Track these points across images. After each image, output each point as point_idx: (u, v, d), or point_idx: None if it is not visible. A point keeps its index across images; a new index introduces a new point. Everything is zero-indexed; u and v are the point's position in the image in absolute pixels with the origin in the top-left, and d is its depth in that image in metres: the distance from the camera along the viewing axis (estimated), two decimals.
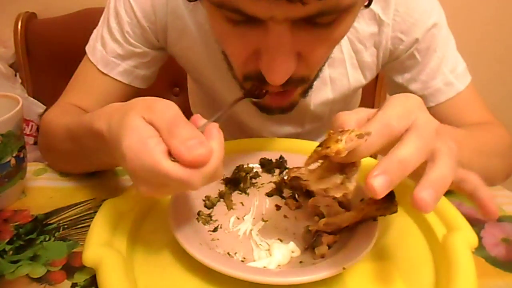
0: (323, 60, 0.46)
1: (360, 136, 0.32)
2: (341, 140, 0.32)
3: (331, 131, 0.34)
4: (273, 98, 0.48)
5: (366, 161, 0.37)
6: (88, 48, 0.64)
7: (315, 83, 0.63)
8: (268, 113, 0.53)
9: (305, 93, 0.51)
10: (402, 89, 0.64)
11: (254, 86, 0.47)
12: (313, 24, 0.38)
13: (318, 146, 0.34)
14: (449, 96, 0.61)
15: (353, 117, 0.36)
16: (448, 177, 0.32)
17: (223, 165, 0.36)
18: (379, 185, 0.29)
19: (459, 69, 0.62)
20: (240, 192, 0.51)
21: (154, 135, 0.33)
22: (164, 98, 0.36)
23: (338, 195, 0.38)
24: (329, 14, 0.37)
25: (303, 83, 0.46)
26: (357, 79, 0.65)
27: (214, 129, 0.35)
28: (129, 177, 0.37)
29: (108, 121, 0.37)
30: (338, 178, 0.35)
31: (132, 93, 0.65)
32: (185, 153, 0.31)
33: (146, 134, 0.33)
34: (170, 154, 0.33)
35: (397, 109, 0.34)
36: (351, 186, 0.34)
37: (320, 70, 0.49)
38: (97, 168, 0.56)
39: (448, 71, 0.61)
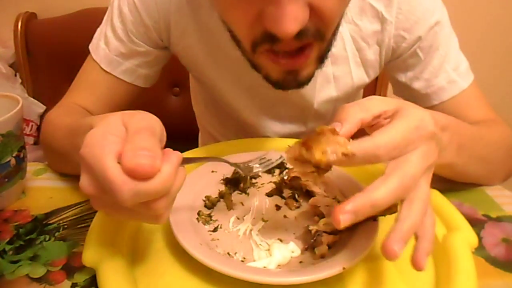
0: (337, 15, 0.44)
1: (345, 155, 0.33)
2: (327, 153, 0.33)
3: (324, 128, 0.34)
4: (288, 61, 0.45)
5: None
6: (91, 47, 0.64)
7: (318, 80, 0.63)
8: (283, 88, 0.50)
9: (321, 60, 0.48)
10: (406, 87, 0.64)
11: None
12: None
13: (304, 146, 0.34)
14: (453, 94, 0.61)
15: (358, 116, 0.36)
16: (418, 225, 0.33)
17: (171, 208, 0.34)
18: (344, 220, 0.31)
19: (462, 67, 0.62)
20: (240, 192, 0.51)
21: (118, 135, 0.32)
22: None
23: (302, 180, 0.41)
24: None
25: (319, 38, 0.44)
26: (360, 77, 0.65)
27: (174, 156, 0.33)
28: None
29: None
30: (309, 168, 0.35)
31: (134, 92, 0.65)
32: (128, 158, 0.30)
33: (112, 131, 0.32)
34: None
35: (397, 136, 0.34)
36: (319, 179, 0.36)
37: (335, 33, 0.47)
38: None
39: (451, 69, 0.61)
